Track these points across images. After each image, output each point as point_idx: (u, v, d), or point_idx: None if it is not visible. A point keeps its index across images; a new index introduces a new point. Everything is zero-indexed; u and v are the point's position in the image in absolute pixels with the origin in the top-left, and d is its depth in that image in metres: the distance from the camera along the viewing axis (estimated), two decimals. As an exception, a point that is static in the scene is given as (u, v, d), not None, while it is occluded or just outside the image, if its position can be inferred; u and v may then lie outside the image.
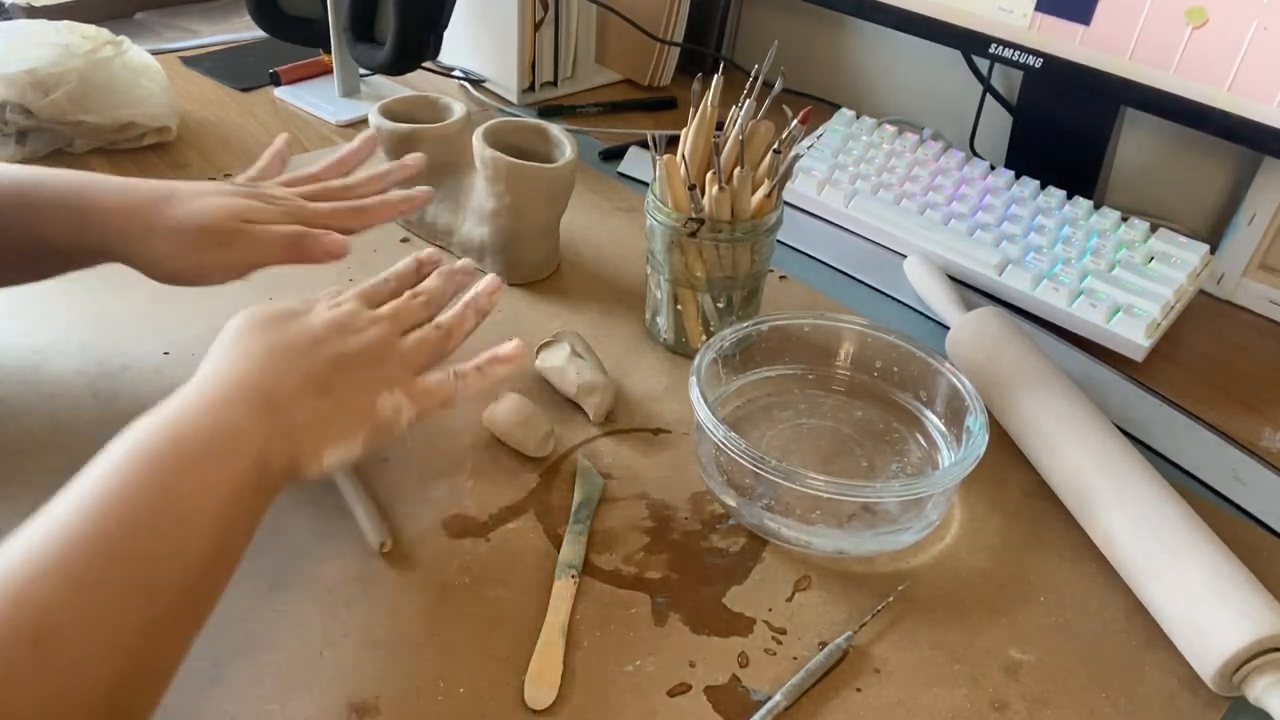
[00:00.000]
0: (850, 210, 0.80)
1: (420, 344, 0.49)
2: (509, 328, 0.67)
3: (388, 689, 0.43)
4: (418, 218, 0.75)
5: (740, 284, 0.63)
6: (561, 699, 0.43)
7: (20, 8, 1.07)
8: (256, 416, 0.40)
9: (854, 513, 0.52)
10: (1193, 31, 0.67)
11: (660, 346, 0.67)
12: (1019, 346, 0.60)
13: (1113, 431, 0.55)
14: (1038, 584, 0.51)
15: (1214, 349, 0.71)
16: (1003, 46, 0.77)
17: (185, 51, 1.09)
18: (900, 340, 0.59)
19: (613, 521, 0.53)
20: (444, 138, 0.72)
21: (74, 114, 0.81)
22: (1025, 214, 0.76)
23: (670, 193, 0.60)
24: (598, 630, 0.47)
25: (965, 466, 0.50)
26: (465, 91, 1.05)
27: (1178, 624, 0.46)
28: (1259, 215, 0.74)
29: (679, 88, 1.08)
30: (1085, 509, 0.52)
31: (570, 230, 0.78)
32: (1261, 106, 0.66)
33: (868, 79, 1.07)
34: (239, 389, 0.41)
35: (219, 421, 0.39)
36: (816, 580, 0.50)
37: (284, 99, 0.99)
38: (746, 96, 0.59)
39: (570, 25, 1.02)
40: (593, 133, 0.96)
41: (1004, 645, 0.48)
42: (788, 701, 0.43)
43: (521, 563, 0.50)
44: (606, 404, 0.59)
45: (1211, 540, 0.48)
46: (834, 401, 0.61)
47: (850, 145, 0.86)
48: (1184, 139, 0.84)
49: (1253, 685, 0.43)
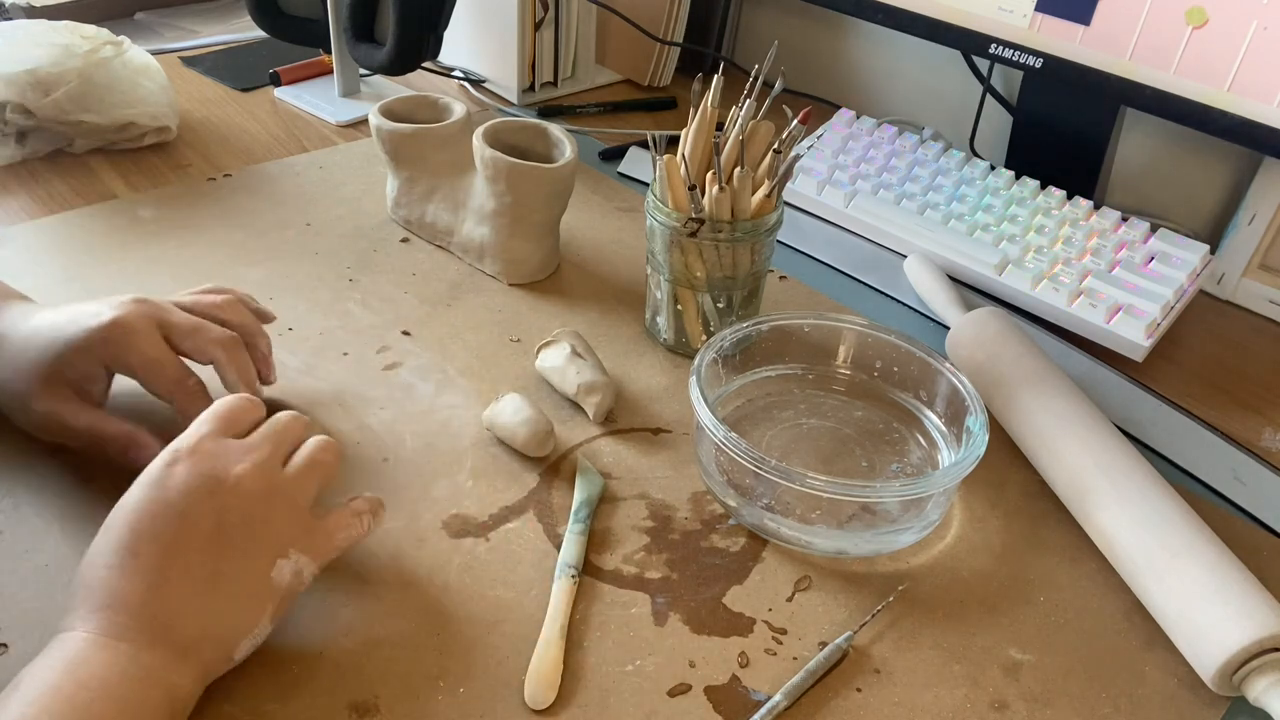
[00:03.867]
0: (850, 210, 0.80)
1: (309, 469, 0.43)
2: (509, 327, 0.67)
3: (388, 689, 0.43)
4: (418, 218, 0.75)
5: (740, 284, 0.63)
6: (561, 699, 0.43)
7: (20, 8, 1.07)
8: (149, 654, 0.37)
9: (854, 513, 0.52)
10: (1193, 31, 0.67)
11: (660, 346, 0.67)
12: (1019, 346, 0.60)
13: (1113, 431, 0.55)
14: (1038, 584, 0.51)
15: (1214, 349, 0.71)
16: (1003, 46, 0.77)
17: (185, 51, 1.09)
18: (900, 340, 0.59)
19: (613, 521, 0.53)
20: (444, 138, 0.72)
21: (74, 114, 0.81)
22: (1025, 214, 0.76)
23: (670, 193, 0.60)
24: (598, 630, 0.47)
25: (965, 466, 0.50)
26: (465, 91, 1.05)
27: (1178, 624, 0.46)
28: (1259, 215, 0.74)
29: (679, 88, 1.08)
30: (1085, 509, 0.52)
31: (570, 230, 0.78)
32: (1261, 106, 0.66)
33: (868, 79, 1.07)
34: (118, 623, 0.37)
35: (111, 686, 0.35)
36: (816, 580, 0.50)
37: (284, 99, 0.99)
38: (746, 96, 0.60)
39: (570, 25, 1.02)
40: (593, 133, 0.96)
41: (1004, 645, 0.48)
42: (788, 701, 0.43)
43: (521, 563, 0.50)
44: (606, 404, 0.59)
45: (1211, 540, 0.48)
46: (834, 401, 0.61)
47: (850, 145, 0.86)
48: (1184, 139, 0.84)
49: (1253, 685, 0.43)
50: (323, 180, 0.84)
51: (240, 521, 0.40)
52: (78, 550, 0.48)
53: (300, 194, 0.81)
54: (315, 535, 0.43)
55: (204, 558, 0.39)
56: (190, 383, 0.51)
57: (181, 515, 0.39)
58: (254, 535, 0.40)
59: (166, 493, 0.39)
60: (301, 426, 0.45)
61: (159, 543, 0.38)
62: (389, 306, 0.68)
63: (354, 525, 0.45)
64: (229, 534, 0.40)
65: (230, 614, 0.39)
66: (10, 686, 0.35)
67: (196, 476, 0.40)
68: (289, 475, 0.43)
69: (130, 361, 0.50)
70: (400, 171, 0.75)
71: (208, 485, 0.40)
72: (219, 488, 0.40)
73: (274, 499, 0.41)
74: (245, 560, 0.40)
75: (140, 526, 0.39)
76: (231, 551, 0.39)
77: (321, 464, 0.44)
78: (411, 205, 0.76)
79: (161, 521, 0.39)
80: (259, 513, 0.41)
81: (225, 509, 0.40)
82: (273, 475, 0.42)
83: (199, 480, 0.40)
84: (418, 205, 0.75)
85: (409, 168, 0.74)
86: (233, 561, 0.39)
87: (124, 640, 0.37)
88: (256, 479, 0.41)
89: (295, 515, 0.42)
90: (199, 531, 0.39)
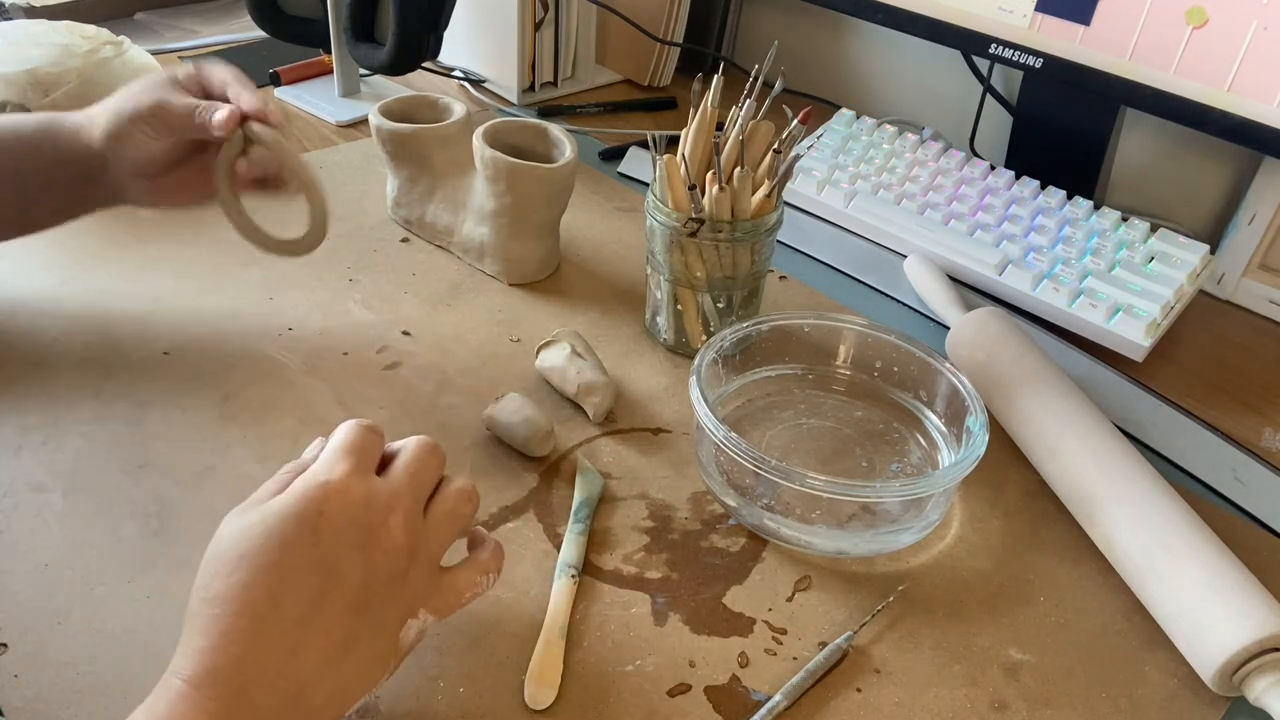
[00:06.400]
0: (850, 210, 0.80)
1: (450, 522, 0.40)
2: (509, 327, 0.67)
3: (388, 689, 0.43)
4: (418, 218, 0.75)
5: (740, 284, 0.63)
6: (561, 699, 0.43)
7: (20, 8, 1.07)
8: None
9: (854, 513, 0.52)
10: (1193, 31, 0.67)
11: (660, 346, 0.67)
12: (1019, 346, 0.60)
13: (1113, 431, 0.55)
14: (1038, 584, 0.51)
15: (1214, 349, 0.71)
16: (1003, 46, 0.77)
17: (185, 51, 1.09)
18: (900, 340, 0.59)
19: (613, 521, 0.53)
20: (444, 138, 0.72)
21: (74, 114, 0.81)
22: (1025, 214, 0.76)
23: (670, 193, 0.60)
24: (598, 630, 0.47)
25: (965, 466, 0.50)
26: (465, 91, 1.05)
27: (1178, 624, 0.46)
28: (1259, 215, 0.74)
29: (679, 88, 1.08)
30: (1085, 509, 0.52)
31: (570, 230, 0.78)
32: (1261, 106, 0.66)
33: (868, 79, 1.07)
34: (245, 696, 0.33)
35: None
36: (816, 580, 0.50)
37: (284, 99, 0.99)
38: (746, 96, 0.59)
39: (570, 25, 1.02)
40: (593, 133, 0.96)
41: (1004, 645, 0.48)
42: (788, 701, 0.43)
43: (521, 562, 0.50)
44: (606, 404, 0.59)
45: (1211, 540, 0.48)
46: (834, 401, 0.61)
47: (850, 145, 0.86)
48: (1184, 139, 0.84)
49: (1253, 685, 0.43)
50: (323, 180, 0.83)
51: (385, 582, 0.36)
52: (78, 550, 0.48)
53: (300, 194, 0.81)
54: (444, 594, 0.40)
55: (345, 619, 0.35)
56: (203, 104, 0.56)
57: (330, 571, 0.35)
58: (394, 597, 0.37)
59: (319, 544, 0.35)
60: (439, 463, 0.41)
61: (303, 597, 0.34)
62: (389, 306, 0.68)
63: (480, 585, 0.42)
64: (372, 594, 0.36)
65: (356, 679, 0.36)
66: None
67: (349, 526, 0.36)
68: (430, 529, 0.39)
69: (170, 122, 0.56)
70: (400, 171, 0.75)
71: (359, 539, 0.36)
72: (370, 541, 0.36)
73: (416, 555, 0.38)
74: (381, 624, 0.37)
75: (286, 578, 0.34)
76: (370, 614, 0.36)
77: (462, 517, 0.41)
78: (411, 205, 0.75)
79: (310, 576, 0.35)
80: (400, 570, 0.37)
81: (374, 566, 0.36)
82: (416, 528, 0.38)
83: (352, 532, 0.36)
84: (418, 205, 0.75)
85: (409, 168, 0.74)
86: (370, 624, 0.36)
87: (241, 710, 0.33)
88: (403, 533, 0.37)
89: (430, 573, 0.39)
90: (346, 589, 0.35)
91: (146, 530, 0.50)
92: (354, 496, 0.36)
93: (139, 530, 0.50)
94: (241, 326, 0.65)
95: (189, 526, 0.50)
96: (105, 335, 0.63)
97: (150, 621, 0.45)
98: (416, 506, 0.39)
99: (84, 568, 0.48)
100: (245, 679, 0.33)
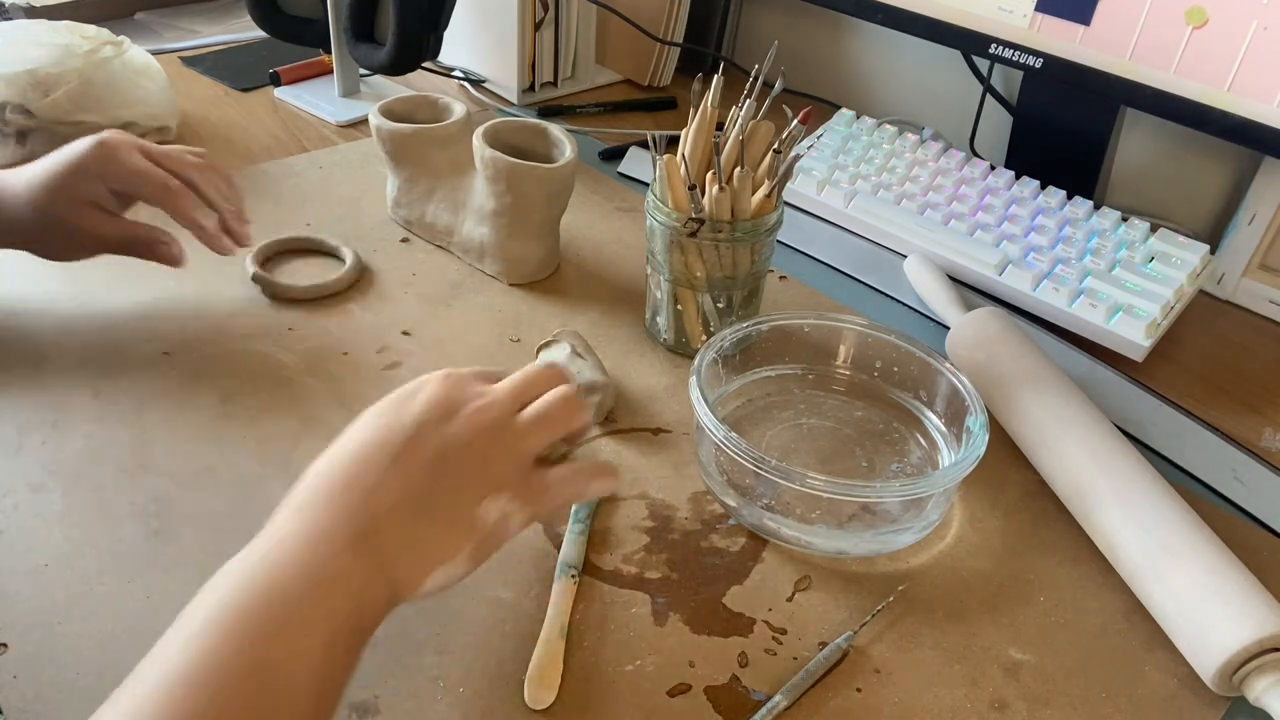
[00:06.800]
0: (850, 210, 0.80)
1: (540, 421, 0.43)
2: (509, 328, 0.67)
3: (388, 689, 0.43)
4: (418, 218, 0.75)
5: (740, 284, 0.63)
6: (561, 699, 0.43)
7: (20, 8, 1.07)
8: (351, 553, 0.37)
9: (854, 513, 0.52)
10: (1193, 31, 0.67)
11: (660, 346, 0.67)
12: (1019, 346, 0.60)
13: (1113, 431, 0.55)
14: (1038, 584, 0.51)
15: (1214, 349, 0.71)
16: (1003, 46, 0.77)
17: (185, 51, 1.09)
18: (900, 340, 0.59)
19: (613, 521, 0.53)
20: (444, 138, 0.72)
21: (74, 114, 0.81)
22: (1025, 214, 0.76)
23: (670, 193, 0.60)
24: (598, 630, 0.47)
25: (965, 466, 0.50)
26: (465, 91, 1.05)
27: (1178, 624, 0.46)
28: (1259, 215, 0.74)
29: (679, 88, 1.08)
30: (1085, 509, 0.52)
31: (570, 230, 0.78)
32: (1261, 106, 0.66)
33: (868, 79, 1.07)
34: (330, 516, 0.38)
35: (309, 569, 0.36)
36: (816, 580, 0.50)
37: (284, 99, 0.99)
38: (746, 96, 0.59)
39: (570, 25, 1.02)
40: (593, 133, 0.96)
41: (1004, 645, 0.48)
42: (788, 701, 0.43)
43: (521, 563, 0.50)
44: (606, 404, 0.59)
45: (1211, 540, 0.48)
46: (834, 401, 0.61)
47: (850, 145, 0.86)
48: (1184, 139, 0.84)
49: (1253, 685, 0.43)
50: (323, 180, 0.84)
51: (459, 454, 0.41)
52: (78, 550, 0.48)
53: (300, 194, 0.81)
54: (532, 484, 0.42)
55: (422, 478, 0.40)
56: (174, 184, 0.59)
57: (411, 436, 0.40)
58: (469, 470, 0.41)
59: (403, 414, 0.41)
60: (551, 378, 0.45)
61: (386, 455, 0.40)
62: (389, 306, 0.68)
63: (575, 482, 0.44)
64: (447, 462, 0.40)
65: (432, 539, 0.40)
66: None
67: (432, 402, 0.42)
68: (519, 421, 0.43)
69: (120, 172, 0.58)
70: (400, 171, 0.75)
71: (440, 411, 0.41)
72: (450, 416, 0.41)
73: (499, 439, 0.42)
74: (457, 492, 0.40)
75: (376, 437, 0.40)
76: (445, 480, 0.40)
77: (554, 419, 0.44)
78: (411, 205, 0.76)
79: (394, 437, 0.40)
80: (479, 447, 0.41)
81: (450, 437, 0.41)
82: (503, 416, 0.42)
83: (433, 406, 0.41)
84: (418, 205, 0.75)
85: (409, 168, 0.74)
86: (445, 489, 0.40)
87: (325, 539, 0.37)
88: (485, 415, 0.42)
89: (515, 460, 0.42)
90: (422, 452, 0.40)
91: (146, 530, 0.50)
92: (448, 383, 0.43)
93: (139, 530, 0.50)
94: (241, 326, 0.65)
95: (189, 526, 0.50)
96: (105, 335, 0.63)
97: (150, 621, 0.45)
98: (510, 402, 0.43)
99: (84, 568, 0.48)
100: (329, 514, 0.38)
